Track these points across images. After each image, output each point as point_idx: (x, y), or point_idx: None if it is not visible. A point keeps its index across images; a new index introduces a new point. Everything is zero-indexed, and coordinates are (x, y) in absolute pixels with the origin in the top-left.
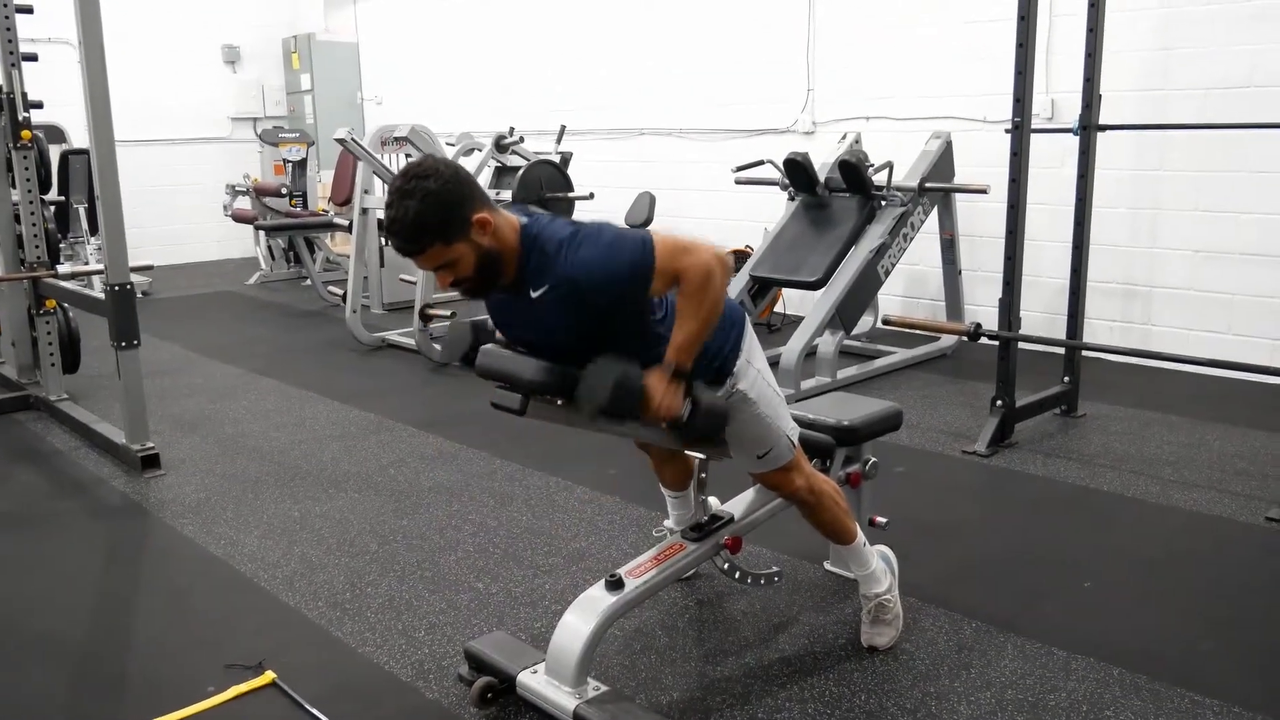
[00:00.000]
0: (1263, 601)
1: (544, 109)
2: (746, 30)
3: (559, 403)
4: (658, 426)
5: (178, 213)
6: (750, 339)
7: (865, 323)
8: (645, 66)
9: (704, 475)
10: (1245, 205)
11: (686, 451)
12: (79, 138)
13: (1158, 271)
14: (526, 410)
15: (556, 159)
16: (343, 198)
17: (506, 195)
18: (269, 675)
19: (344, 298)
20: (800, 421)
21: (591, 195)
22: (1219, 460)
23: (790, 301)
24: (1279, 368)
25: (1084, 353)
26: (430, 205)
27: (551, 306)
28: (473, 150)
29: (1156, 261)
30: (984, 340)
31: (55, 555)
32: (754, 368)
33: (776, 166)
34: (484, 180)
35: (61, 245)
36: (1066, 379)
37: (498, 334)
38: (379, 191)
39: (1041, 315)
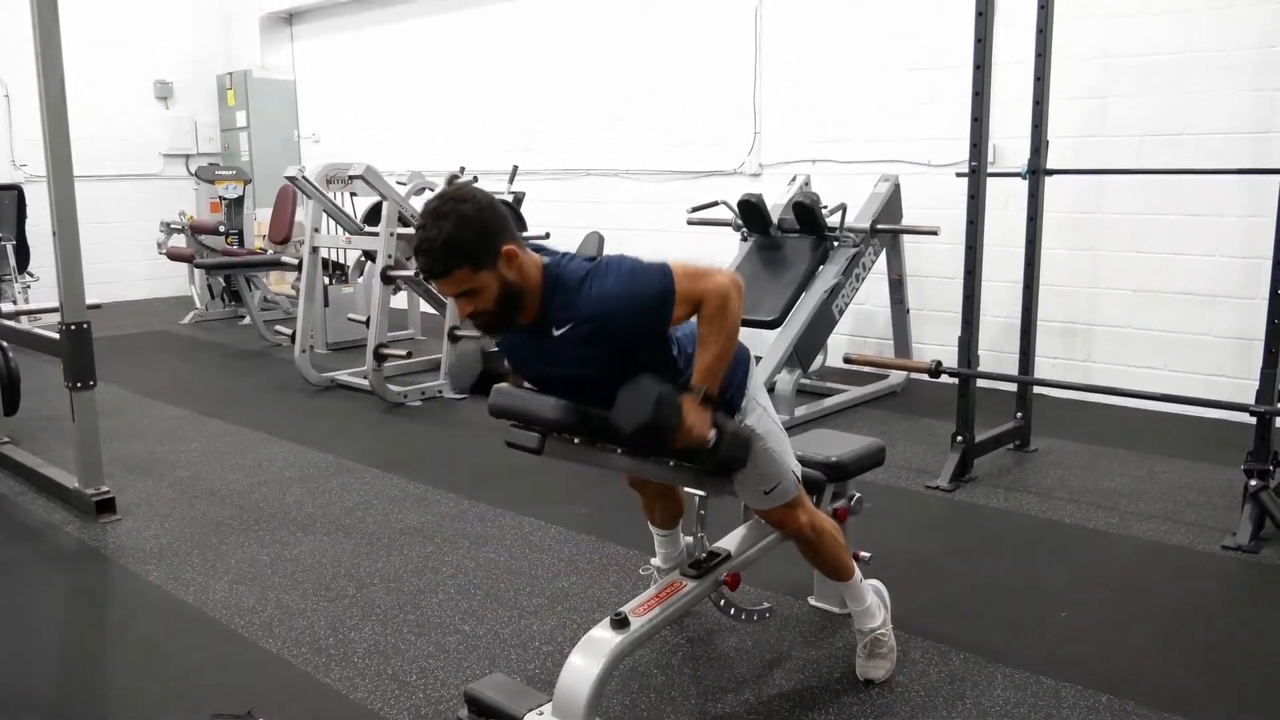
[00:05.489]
0: (1232, 626)
1: (487, 148)
2: (693, 73)
3: (576, 441)
4: (688, 449)
5: (106, 250)
6: (755, 377)
7: (816, 361)
8: (591, 107)
9: (703, 512)
10: (1179, 247)
11: (686, 490)
12: (4, 174)
13: (1097, 310)
14: (544, 449)
15: (510, 199)
16: (281, 236)
17: None
18: None
19: (291, 337)
20: None
21: (547, 235)
22: (1170, 492)
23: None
24: (1234, 403)
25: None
26: (463, 229)
27: (575, 343)
28: (424, 189)
29: (1095, 300)
30: (940, 378)
31: (13, 606)
32: (759, 404)
33: (730, 207)
34: None
35: None
36: (1019, 415)
37: (506, 362)
38: (328, 230)
39: (988, 353)
